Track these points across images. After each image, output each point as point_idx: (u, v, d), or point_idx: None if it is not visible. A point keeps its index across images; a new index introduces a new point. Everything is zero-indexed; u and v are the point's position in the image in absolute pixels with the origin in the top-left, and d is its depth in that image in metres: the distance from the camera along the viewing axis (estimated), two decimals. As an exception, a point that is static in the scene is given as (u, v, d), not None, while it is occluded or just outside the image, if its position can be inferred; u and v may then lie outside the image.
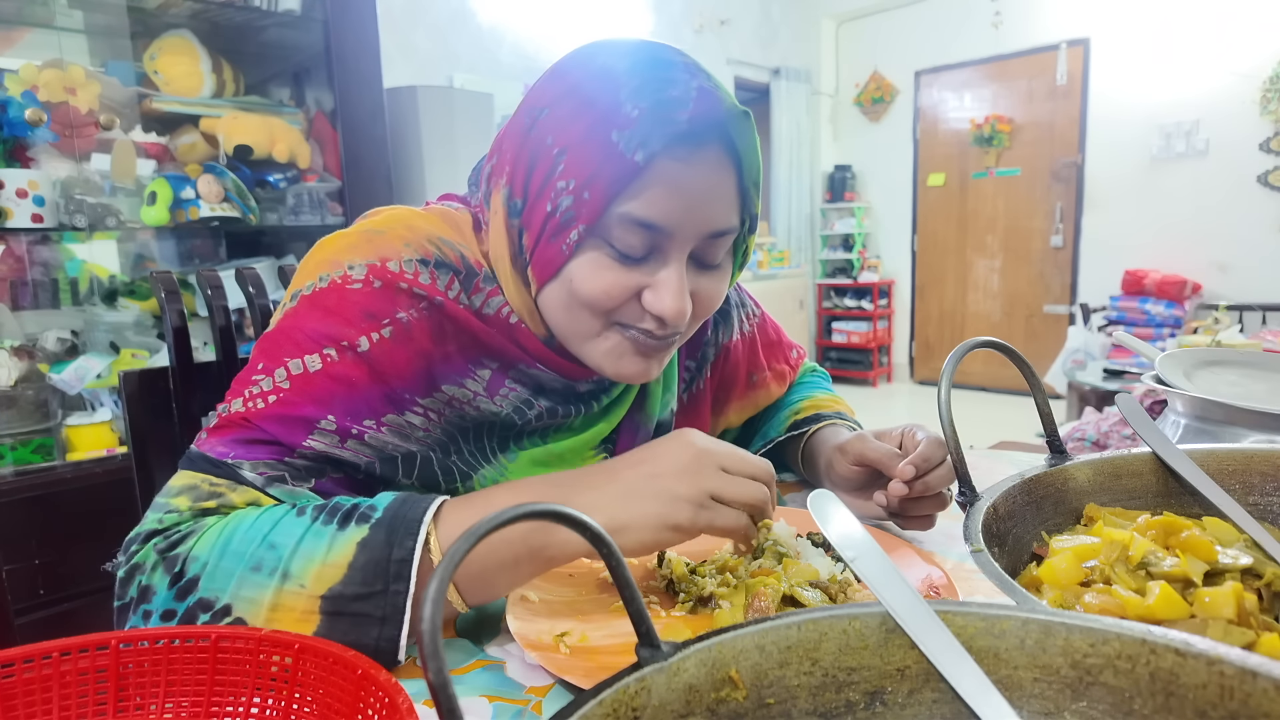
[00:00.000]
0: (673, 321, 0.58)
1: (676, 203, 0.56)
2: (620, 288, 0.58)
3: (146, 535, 0.53)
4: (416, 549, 0.50)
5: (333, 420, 0.57)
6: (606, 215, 0.56)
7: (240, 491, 0.55)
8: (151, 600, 0.51)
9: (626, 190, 0.55)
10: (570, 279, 0.58)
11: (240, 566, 0.50)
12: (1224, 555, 0.42)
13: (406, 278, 0.60)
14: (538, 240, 0.58)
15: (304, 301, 0.60)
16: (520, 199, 0.59)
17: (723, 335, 0.84)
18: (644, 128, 0.54)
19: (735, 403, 0.88)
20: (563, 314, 0.61)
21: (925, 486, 0.65)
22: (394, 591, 0.49)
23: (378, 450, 0.60)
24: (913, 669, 0.33)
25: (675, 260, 0.58)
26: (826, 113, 6.06)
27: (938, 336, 5.89)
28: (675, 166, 0.55)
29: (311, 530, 0.51)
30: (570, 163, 0.55)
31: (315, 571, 0.49)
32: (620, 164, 0.54)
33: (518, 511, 0.29)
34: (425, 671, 0.24)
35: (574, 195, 0.55)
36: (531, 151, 0.58)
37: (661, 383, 0.76)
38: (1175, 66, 4.49)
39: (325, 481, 0.58)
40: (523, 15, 3.90)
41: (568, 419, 0.69)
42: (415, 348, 0.60)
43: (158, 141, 1.88)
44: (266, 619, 0.49)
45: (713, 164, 0.57)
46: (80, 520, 1.58)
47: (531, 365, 0.65)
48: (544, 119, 0.57)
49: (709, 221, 0.58)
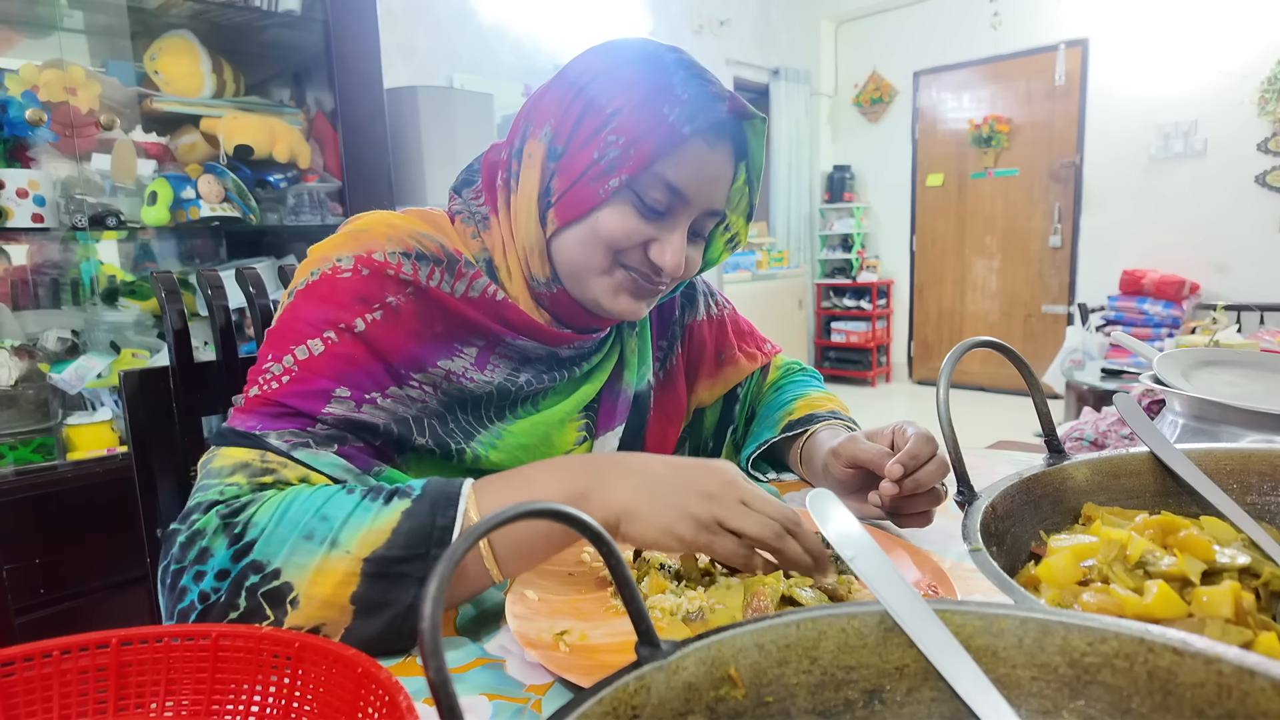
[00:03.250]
0: (670, 273, 0.69)
1: (698, 176, 0.67)
2: (637, 234, 0.68)
3: (208, 505, 0.57)
4: (458, 518, 0.54)
5: (345, 390, 0.62)
6: (645, 172, 0.65)
7: (291, 468, 0.59)
8: (208, 562, 0.54)
9: (667, 156, 0.65)
10: (597, 219, 0.67)
11: (294, 534, 0.54)
12: (1222, 554, 0.42)
13: (391, 266, 0.66)
14: (574, 183, 0.67)
15: (299, 295, 0.65)
16: (562, 145, 0.67)
17: (688, 316, 0.93)
18: (691, 109, 0.65)
19: (705, 380, 0.94)
20: (579, 250, 0.69)
21: (916, 484, 0.66)
22: (434, 556, 0.53)
23: (390, 413, 0.65)
24: (911, 668, 0.33)
25: (682, 224, 0.69)
26: (825, 113, 6.06)
27: (936, 336, 5.89)
28: (704, 148, 0.67)
29: (361, 505, 0.55)
30: (623, 122, 0.65)
31: (360, 538, 0.53)
32: (669, 132, 0.64)
33: (517, 511, 0.30)
34: (425, 669, 0.24)
35: (621, 149, 0.65)
36: (581, 109, 0.66)
37: (637, 355, 0.84)
38: (1173, 67, 4.50)
39: (347, 447, 0.62)
40: (523, 15, 3.90)
41: (553, 384, 0.76)
42: (406, 329, 0.66)
43: (158, 141, 1.87)
44: (310, 581, 0.52)
45: (726, 155, 0.69)
46: (80, 520, 1.58)
47: (515, 338, 0.71)
48: (596, 85, 0.67)
49: (713, 200, 0.70)
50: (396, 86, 2.66)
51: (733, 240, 0.79)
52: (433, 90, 2.74)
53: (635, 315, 0.72)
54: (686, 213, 0.69)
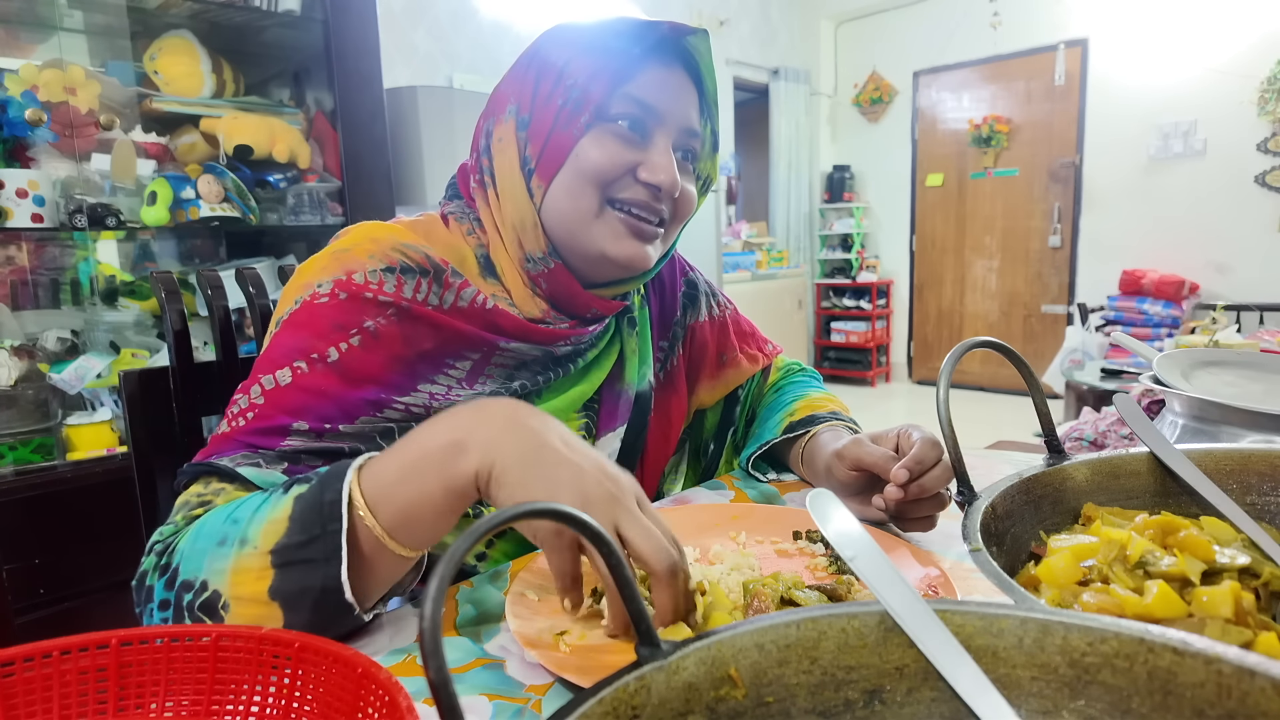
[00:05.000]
0: (666, 188, 0.69)
1: (663, 91, 0.69)
2: (621, 159, 0.68)
3: (149, 548, 0.58)
4: (344, 489, 0.51)
5: (304, 423, 0.61)
6: (611, 97, 0.67)
7: (224, 495, 0.59)
8: (153, 597, 0.54)
9: (627, 80, 0.68)
10: (578, 157, 0.68)
11: (210, 544, 0.53)
12: (1221, 555, 0.42)
13: (371, 288, 0.65)
14: (548, 136, 0.68)
15: (283, 326, 0.65)
16: (528, 113, 0.69)
17: (690, 316, 0.93)
18: (634, 34, 0.68)
19: (706, 381, 0.94)
20: (567, 200, 0.69)
21: (921, 489, 0.65)
22: (330, 532, 0.51)
23: (355, 436, 0.63)
24: (911, 668, 0.33)
25: (664, 143, 0.70)
26: (825, 113, 6.06)
27: (936, 336, 5.89)
28: (659, 68, 0.70)
29: (266, 501, 0.54)
30: (577, 66, 0.68)
31: (263, 531, 0.52)
32: (621, 58, 0.68)
33: (516, 511, 0.30)
34: (426, 669, 0.24)
35: (582, 87, 0.67)
36: (536, 73, 0.69)
37: (638, 354, 0.84)
38: (1173, 67, 4.50)
39: (299, 466, 0.61)
40: (523, 15, 3.90)
41: (548, 383, 0.75)
42: (387, 352, 0.65)
43: (158, 141, 1.87)
44: (231, 583, 0.52)
45: (682, 78, 0.71)
46: (80, 520, 1.58)
47: (509, 343, 0.70)
48: (542, 51, 0.70)
49: (686, 118, 0.71)
50: (396, 86, 2.66)
51: (705, 183, 0.79)
52: (433, 90, 2.75)
53: (643, 261, 0.72)
54: (663, 131, 0.70)
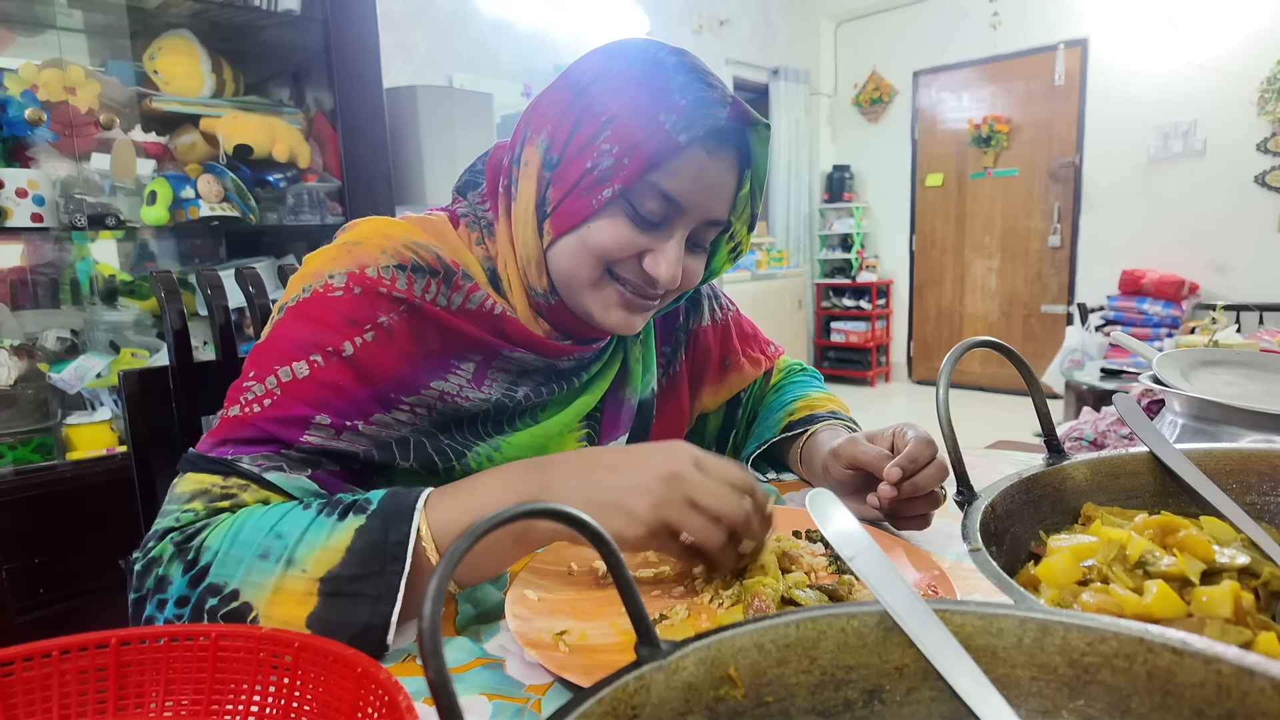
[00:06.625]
0: (665, 284, 0.67)
1: (696, 186, 0.65)
2: (630, 245, 0.66)
3: (163, 532, 0.56)
4: (411, 533, 0.53)
5: (326, 418, 0.61)
6: (640, 181, 0.63)
7: (251, 491, 0.58)
8: (167, 589, 0.54)
9: (663, 165, 0.63)
10: (589, 229, 0.65)
11: (249, 554, 0.53)
12: (1221, 554, 0.42)
13: (385, 283, 0.64)
14: (568, 193, 0.65)
15: (289, 313, 0.63)
16: (558, 154, 0.66)
17: (693, 321, 0.92)
18: (689, 116, 0.62)
19: (709, 386, 0.93)
20: (570, 260, 0.67)
21: (914, 487, 0.66)
22: (390, 572, 0.52)
23: (372, 439, 0.63)
24: (911, 667, 0.33)
25: (679, 235, 0.67)
26: (825, 113, 6.06)
27: (936, 336, 5.89)
28: (703, 156, 0.64)
29: (315, 522, 0.54)
30: (617, 130, 0.63)
31: (315, 557, 0.53)
32: (664, 141, 0.62)
33: (516, 511, 0.30)
34: (425, 669, 0.24)
35: (615, 159, 0.63)
36: (578, 115, 0.65)
37: (641, 363, 0.82)
38: (1173, 67, 4.49)
39: (321, 472, 0.61)
40: (523, 15, 3.90)
41: (552, 396, 0.74)
42: (398, 349, 0.64)
43: (158, 141, 1.87)
44: (269, 601, 0.52)
45: (728, 163, 0.67)
46: (80, 519, 1.58)
47: (514, 351, 0.70)
48: (594, 89, 0.65)
49: (713, 210, 0.68)
50: (396, 86, 2.66)
51: (735, 250, 0.77)
52: (432, 90, 2.74)
53: (629, 329, 0.71)
54: (684, 222, 0.67)
